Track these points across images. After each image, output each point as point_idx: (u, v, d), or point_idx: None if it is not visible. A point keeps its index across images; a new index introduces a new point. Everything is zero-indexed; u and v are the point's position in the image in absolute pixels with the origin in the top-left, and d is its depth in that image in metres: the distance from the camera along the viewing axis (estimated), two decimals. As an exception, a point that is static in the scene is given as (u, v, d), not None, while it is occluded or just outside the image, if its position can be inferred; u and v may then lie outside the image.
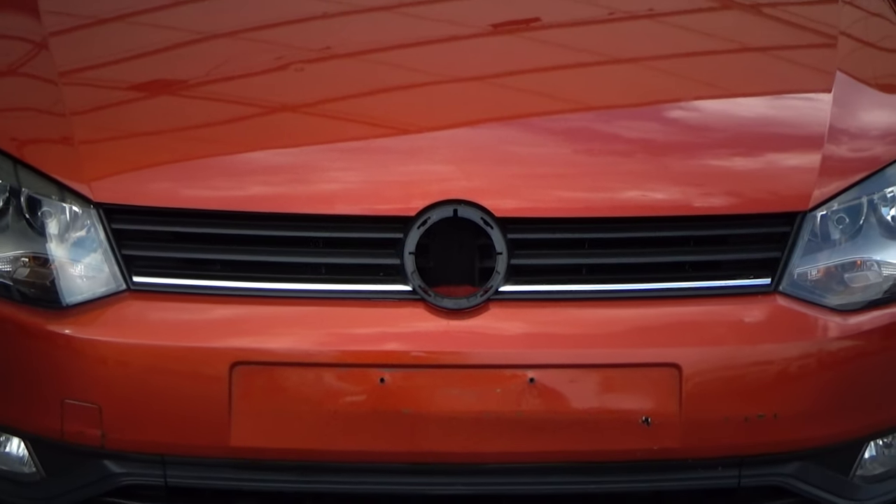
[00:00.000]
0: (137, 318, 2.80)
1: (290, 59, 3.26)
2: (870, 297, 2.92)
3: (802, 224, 2.90)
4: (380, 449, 2.78)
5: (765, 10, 3.62)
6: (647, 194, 2.90)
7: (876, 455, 2.99)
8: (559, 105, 3.17)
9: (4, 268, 2.90)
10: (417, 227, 2.79)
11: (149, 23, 3.46)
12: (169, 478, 2.81)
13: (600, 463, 2.82)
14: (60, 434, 2.83)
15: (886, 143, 3.07)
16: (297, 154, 2.95)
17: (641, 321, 2.82)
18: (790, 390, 2.84)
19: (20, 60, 3.24)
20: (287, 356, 2.77)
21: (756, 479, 2.86)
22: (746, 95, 3.26)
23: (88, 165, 2.88)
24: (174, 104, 3.13)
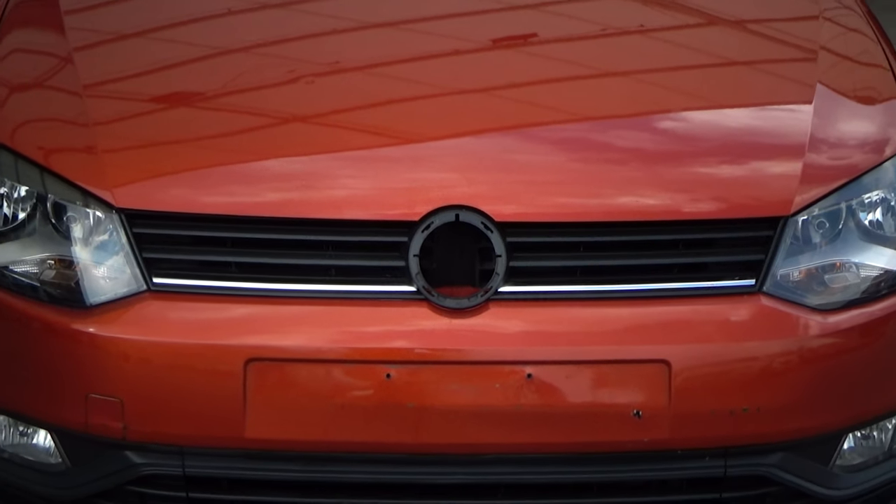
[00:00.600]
0: (157, 317, 2.80)
1: (301, 72, 3.26)
2: (848, 297, 2.93)
3: (785, 228, 2.90)
4: (386, 440, 2.79)
5: (749, 26, 3.62)
6: (638, 200, 2.91)
7: (854, 446, 2.99)
8: (555, 116, 3.17)
9: (32, 270, 2.90)
10: (421, 231, 2.79)
11: (167, 38, 3.46)
12: (187, 468, 2.81)
13: (594, 453, 2.82)
14: (85, 426, 2.83)
15: (864, 152, 3.08)
16: (308, 162, 2.96)
17: (633, 320, 2.83)
18: (773, 385, 2.84)
19: (47, 74, 3.24)
20: (299, 353, 2.77)
21: (741, 468, 2.86)
22: (732, 107, 3.26)
23: (111, 173, 2.88)
24: (192, 115, 3.13)
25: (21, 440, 2.96)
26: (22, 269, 2.91)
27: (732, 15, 3.67)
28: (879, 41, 3.45)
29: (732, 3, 3.74)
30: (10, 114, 3.10)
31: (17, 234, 2.94)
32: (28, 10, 3.49)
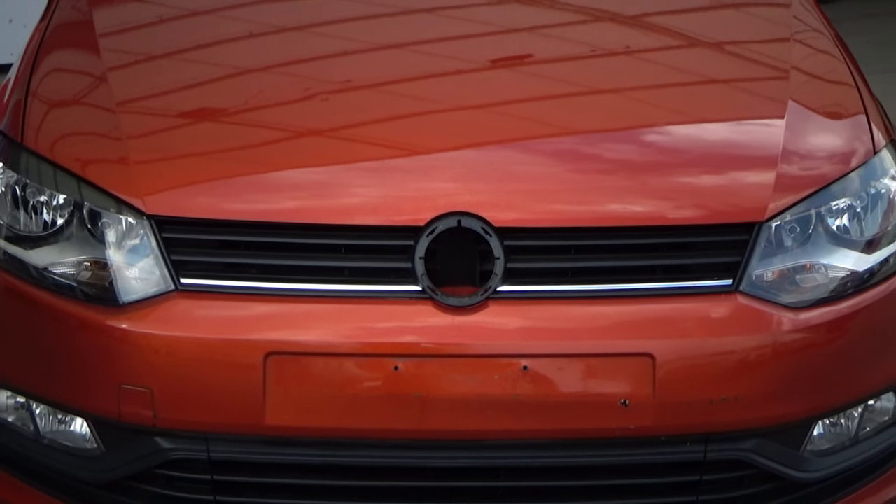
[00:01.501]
0: (184, 315, 2.81)
1: (316, 90, 3.27)
2: (818, 296, 2.93)
3: (759, 233, 2.90)
4: (394, 427, 2.79)
5: (726, 47, 3.63)
6: (625, 206, 2.91)
7: (823, 433, 2.99)
8: (549, 130, 3.17)
9: (69, 271, 2.90)
10: (426, 236, 2.79)
11: (193, 59, 3.47)
12: (212, 452, 2.81)
13: (584, 439, 2.82)
14: (118, 415, 2.83)
15: (832, 163, 3.08)
16: (323, 172, 2.96)
17: (620, 317, 2.83)
18: (749, 377, 2.84)
19: (83, 91, 3.25)
20: (314, 347, 2.77)
21: (719, 453, 2.86)
22: (711, 121, 3.27)
23: (142, 182, 2.89)
24: (216, 129, 3.14)
25: (60, 427, 2.96)
26: (60, 271, 2.91)
27: (711, 37, 3.68)
28: (846, 61, 3.46)
29: (711, 26, 3.75)
30: (49, 128, 3.11)
31: (56, 239, 2.94)
32: (66, 33, 3.50)
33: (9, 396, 3.01)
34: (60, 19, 3.57)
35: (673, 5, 3.80)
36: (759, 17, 3.78)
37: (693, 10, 3.81)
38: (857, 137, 3.16)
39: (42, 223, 2.96)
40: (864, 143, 3.15)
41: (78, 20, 3.55)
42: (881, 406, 3.08)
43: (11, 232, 2.98)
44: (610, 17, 3.74)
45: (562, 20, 3.74)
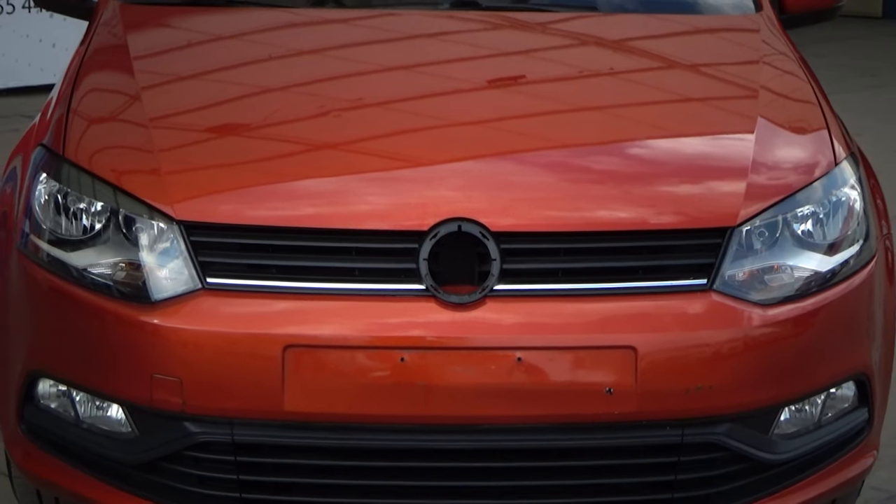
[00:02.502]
0: (210, 311, 2.80)
1: (330, 107, 3.27)
2: (784, 294, 2.92)
3: (731, 237, 2.90)
4: (400, 413, 2.78)
5: (701, 68, 3.63)
6: (610, 213, 2.91)
7: (789, 418, 2.98)
8: (541, 143, 3.17)
9: (106, 271, 2.90)
10: (430, 239, 2.79)
11: (218, 79, 3.47)
12: (235, 435, 2.80)
13: (573, 423, 2.82)
14: (150, 401, 2.83)
15: (797, 173, 3.08)
16: (336, 182, 2.96)
17: (605, 313, 2.83)
18: (722, 367, 2.84)
19: (119, 109, 3.25)
20: (328, 340, 2.77)
21: (695, 436, 2.85)
22: (687, 135, 3.26)
23: (172, 191, 2.89)
24: (239, 143, 3.13)
25: (97, 413, 2.96)
26: (98, 271, 2.91)
27: (688, 60, 3.68)
28: (809, 81, 3.45)
29: (687, 49, 3.75)
30: (88, 142, 3.10)
31: (94, 242, 2.94)
32: (103, 56, 3.50)
33: (51, 385, 3.01)
34: (98, 43, 3.56)
35: (652, 31, 3.80)
36: (731, 41, 3.78)
37: (671, 35, 3.80)
38: (820, 150, 3.16)
39: (81, 228, 2.96)
40: (826, 155, 3.15)
41: (114, 44, 3.54)
42: (842, 394, 3.07)
43: (54, 236, 2.98)
44: (595, 41, 3.74)
45: (552, 44, 3.74)
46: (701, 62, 3.65)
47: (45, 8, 4.02)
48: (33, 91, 9.26)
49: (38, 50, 9.68)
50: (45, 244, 2.99)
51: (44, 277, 2.97)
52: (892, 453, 3.94)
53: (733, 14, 3.84)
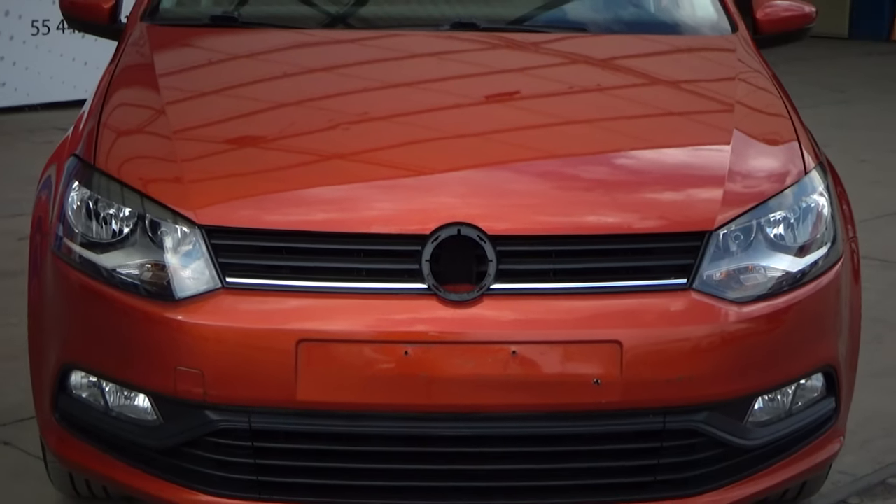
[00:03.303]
0: (230, 308, 2.80)
1: (339, 120, 3.27)
2: (758, 293, 2.92)
3: (709, 240, 2.90)
4: (404, 402, 2.78)
5: (682, 85, 3.62)
6: (598, 218, 2.91)
7: (763, 406, 2.98)
8: (534, 153, 3.17)
9: (133, 272, 2.90)
10: (431, 242, 2.79)
11: (238, 95, 3.47)
12: (252, 423, 2.80)
13: (563, 412, 2.82)
14: (174, 391, 2.83)
15: (770, 181, 3.08)
16: (345, 189, 2.95)
17: (593, 310, 2.82)
18: (701, 360, 2.84)
19: (146, 122, 3.25)
20: (338, 335, 2.77)
21: (676, 423, 2.85)
22: (669, 147, 3.26)
23: (195, 198, 2.89)
24: (256, 153, 3.13)
25: (125, 402, 2.96)
26: (126, 272, 2.91)
27: (669, 77, 3.67)
28: (781, 96, 3.45)
29: (669, 67, 3.75)
30: (117, 152, 3.10)
31: (123, 245, 2.94)
32: (131, 74, 3.50)
33: (83, 377, 3.01)
34: (127, 62, 3.57)
35: (637, 50, 3.80)
36: (710, 59, 3.78)
37: (654, 54, 3.80)
38: (791, 160, 3.16)
39: (111, 232, 2.96)
40: (796, 165, 3.14)
41: (141, 63, 3.55)
42: (811, 384, 3.07)
43: (85, 239, 2.98)
44: (584, 60, 3.75)
45: (543, 63, 3.74)
46: (681, 79, 3.65)
47: (78, 30, 4.02)
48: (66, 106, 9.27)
49: (71, 68, 9.69)
50: (77, 247, 2.99)
51: (76, 278, 2.97)
52: (857, 439, 3.94)
53: (711, 35, 3.84)
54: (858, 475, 3.77)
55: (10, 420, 4.00)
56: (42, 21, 9.61)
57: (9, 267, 5.51)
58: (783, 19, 3.94)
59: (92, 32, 4.01)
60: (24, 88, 9.57)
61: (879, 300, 5.26)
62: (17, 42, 9.53)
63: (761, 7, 3.94)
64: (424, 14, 3.87)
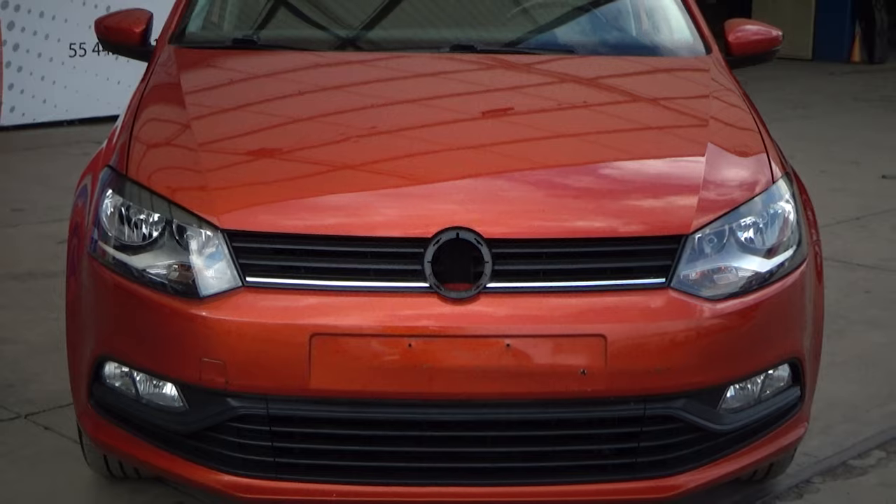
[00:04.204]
0: (250, 305, 2.80)
1: (349, 134, 3.26)
2: (730, 291, 2.92)
3: (686, 243, 2.89)
4: (407, 390, 2.78)
5: (661, 102, 3.62)
6: (584, 223, 2.91)
7: (734, 394, 2.98)
8: (527, 164, 3.17)
9: (162, 272, 2.90)
10: (433, 245, 2.79)
11: (257, 111, 3.46)
12: (270, 409, 2.80)
13: (553, 399, 2.81)
14: (199, 380, 2.83)
15: (740, 190, 3.07)
16: (355, 196, 2.95)
17: (580, 307, 2.82)
18: (678, 352, 2.83)
19: (173, 136, 3.24)
20: (348, 329, 2.77)
21: (655, 410, 2.84)
22: (649, 158, 3.25)
23: (218, 204, 2.88)
24: (274, 164, 3.13)
25: (154, 390, 2.96)
26: (155, 272, 2.91)
27: (649, 94, 3.67)
28: (751, 112, 3.45)
29: (649, 86, 3.75)
30: (147, 163, 3.10)
31: (152, 247, 2.94)
32: (160, 92, 3.50)
33: (116, 367, 3.00)
34: (156, 81, 3.56)
35: (620, 70, 3.80)
36: (686, 79, 3.78)
37: (636, 74, 3.80)
38: (760, 170, 3.16)
39: (141, 236, 2.96)
40: (765, 174, 3.14)
41: (169, 81, 3.54)
42: (778, 375, 3.07)
43: (118, 242, 2.98)
44: (572, 79, 3.74)
45: (535, 82, 3.74)
46: (660, 96, 3.65)
47: (111, 52, 4.02)
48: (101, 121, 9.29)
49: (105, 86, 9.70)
50: (110, 249, 2.99)
51: (110, 277, 2.97)
52: (820, 424, 3.94)
53: (688, 56, 3.84)
54: (821, 457, 3.77)
55: (50, 406, 4.00)
56: (79, 44, 9.62)
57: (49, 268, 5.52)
58: (753, 42, 3.94)
59: (124, 54, 4.01)
60: (63, 105, 9.58)
61: (840, 298, 5.26)
62: (56, 63, 9.54)
63: (733, 31, 3.95)
64: (426, 37, 3.87)
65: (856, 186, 7.71)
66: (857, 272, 5.76)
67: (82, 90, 9.64)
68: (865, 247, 6.21)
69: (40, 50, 9.44)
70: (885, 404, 4.19)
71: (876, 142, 9.38)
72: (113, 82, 9.66)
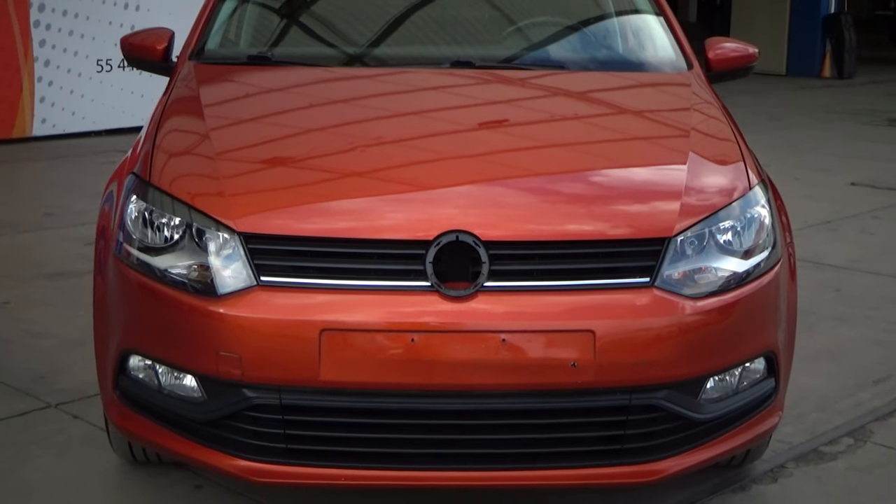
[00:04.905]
0: (264, 303, 2.79)
1: (356, 143, 3.26)
2: (710, 290, 2.92)
3: (669, 245, 2.89)
4: (410, 381, 2.78)
5: (646, 114, 3.62)
6: (575, 226, 2.90)
7: (713, 386, 2.98)
8: (521, 172, 3.17)
9: (182, 272, 2.90)
10: (434, 246, 2.79)
11: (270, 123, 3.46)
12: (283, 399, 2.80)
13: (545, 390, 2.81)
14: (216, 373, 2.83)
15: (720, 195, 3.07)
16: (362, 202, 2.95)
17: (571, 304, 2.81)
18: (661, 347, 2.83)
19: (193, 145, 3.24)
20: (355, 325, 2.76)
21: (640, 400, 2.84)
22: (635, 166, 3.26)
23: (234, 209, 2.88)
24: (286, 172, 3.13)
25: (175, 382, 2.95)
26: (176, 272, 2.90)
27: (635, 107, 3.68)
28: (729, 124, 3.45)
29: (635, 99, 3.75)
30: (169, 171, 3.10)
31: (173, 249, 2.93)
32: (181, 104, 3.49)
33: (139, 360, 3.00)
34: (177, 94, 3.56)
35: (608, 85, 3.79)
36: (669, 93, 3.78)
37: (622, 88, 3.80)
38: (738, 178, 3.16)
39: (163, 238, 2.95)
40: (742, 181, 3.14)
41: (189, 95, 3.54)
42: (754, 367, 3.07)
43: (142, 244, 2.98)
44: (563, 93, 3.74)
45: (528, 95, 3.73)
46: (645, 109, 3.65)
47: (136, 67, 4.03)
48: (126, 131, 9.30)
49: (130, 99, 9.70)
50: (135, 251, 2.99)
51: (134, 277, 2.97)
52: (793, 413, 3.94)
53: (670, 72, 3.84)
54: (794, 444, 3.77)
55: (79, 397, 4.00)
56: (105, 60, 9.62)
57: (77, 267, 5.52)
58: (731, 58, 3.94)
59: (147, 69, 4.01)
60: (90, 117, 9.59)
61: (811, 296, 5.26)
62: (84, 78, 9.55)
63: (712, 48, 3.95)
64: (428, 54, 3.87)
65: (826, 193, 7.71)
66: (827, 272, 5.76)
67: (108, 103, 9.65)
68: (835, 249, 6.21)
69: (69, 66, 9.44)
70: (854, 395, 4.19)
71: (845, 151, 9.38)
72: (137, 96, 9.67)
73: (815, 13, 15.12)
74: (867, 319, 5.05)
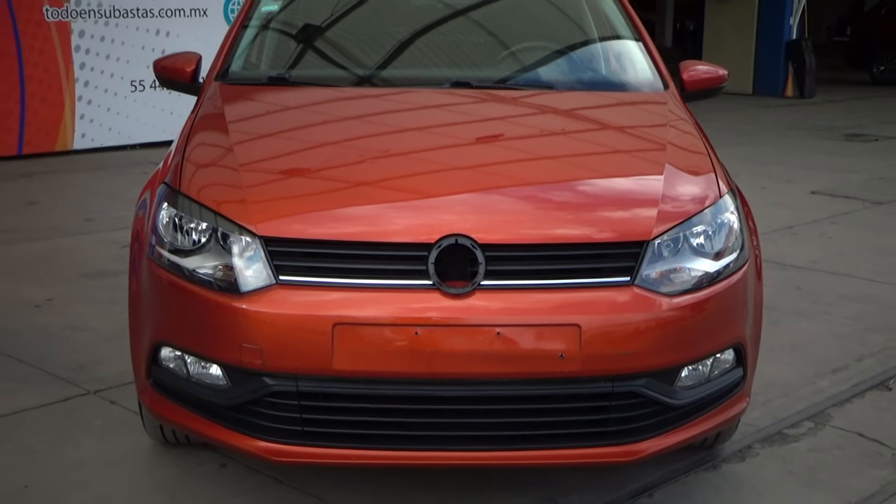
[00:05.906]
0: (282, 300, 2.79)
1: (365, 156, 3.26)
2: (684, 288, 2.92)
3: (647, 248, 2.89)
4: (414, 370, 2.78)
5: (626, 129, 3.62)
6: (563, 231, 2.90)
7: (688, 374, 2.98)
8: (515, 181, 3.16)
9: (209, 272, 2.90)
10: (436, 249, 2.79)
11: (289, 137, 3.47)
12: (299, 386, 2.80)
13: (535, 378, 2.81)
14: (239, 363, 2.83)
15: (693, 203, 3.07)
16: (371, 209, 2.95)
17: (559, 301, 2.81)
18: (641, 339, 2.83)
19: (219, 158, 3.24)
20: (365, 320, 2.76)
21: (622, 387, 2.84)
22: (616, 177, 3.26)
23: (256, 215, 2.88)
24: (303, 181, 3.13)
25: (202, 371, 2.95)
26: (203, 272, 2.91)
27: (617, 123, 3.68)
28: (702, 138, 3.45)
29: (617, 116, 3.75)
30: (197, 180, 3.10)
31: (200, 251, 2.93)
32: (207, 120, 3.50)
33: (170, 351, 3.00)
34: (204, 111, 3.56)
35: (592, 103, 3.80)
36: (647, 110, 3.78)
37: (605, 106, 3.80)
38: (709, 187, 3.16)
39: (191, 241, 2.95)
40: (713, 190, 3.14)
41: (215, 112, 3.54)
42: (724, 358, 3.07)
43: (172, 247, 2.98)
44: (552, 110, 3.74)
45: (521, 112, 3.73)
46: (626, 125, 3.65)
47: (166, 87, 4.03)
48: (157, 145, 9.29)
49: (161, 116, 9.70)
50: (166, 253, 2.99)
51: (165, 276, 2.97)
52: (760, 399, 3.94)
53: (649, 91, 3.84)
54: (760, 427, 3.77)
55: (116, 384, 4.00)
56: (139, 81, 9.63)
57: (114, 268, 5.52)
58: (703, 79, 3.95)
59: (177, 89, 4.02)
60: (125, 132, 9.59)
61: (776, 293, 5.26)
62: (120, 97, 9.55)
63: (686, 70, 3.96)
64: (430, 76, 3.87)
65: (789, 201, 7.71)
66: (790, 272, 5.76)
67: (141, 120, 9.65)
68: (797, 251, 6.22)
69: (107, 86, 9.45)
70: (814, 383, 4.19)
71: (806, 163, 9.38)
72: (167, 113, 9.67)
73: (778, 39, 15.14)
74: (826, 315, 5.05)
